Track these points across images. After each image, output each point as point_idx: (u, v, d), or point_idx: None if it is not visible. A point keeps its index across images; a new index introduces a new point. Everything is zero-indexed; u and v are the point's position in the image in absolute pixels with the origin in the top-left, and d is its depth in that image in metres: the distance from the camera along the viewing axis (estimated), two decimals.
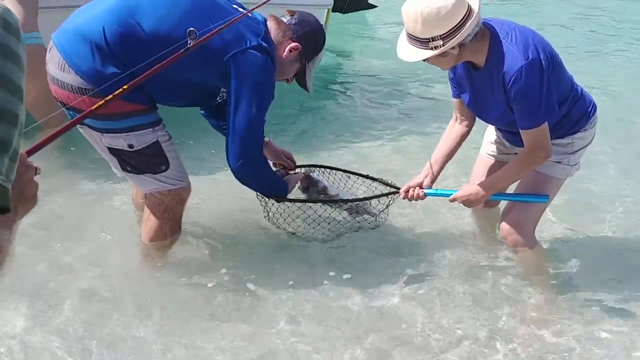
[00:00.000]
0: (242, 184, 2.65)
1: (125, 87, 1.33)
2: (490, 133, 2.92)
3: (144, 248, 2.83)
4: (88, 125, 2.46)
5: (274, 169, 2.89)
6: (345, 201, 2.85)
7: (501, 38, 2.35)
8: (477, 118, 2.73)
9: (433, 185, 2.76)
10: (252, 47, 2.41)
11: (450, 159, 2.77)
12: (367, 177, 3.04)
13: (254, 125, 2.50)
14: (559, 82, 2.42)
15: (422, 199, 2.75)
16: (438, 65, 2.44)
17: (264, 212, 2.88)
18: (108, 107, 2.09)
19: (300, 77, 2.69)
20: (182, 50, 1.74)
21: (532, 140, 2.43)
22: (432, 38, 2.27)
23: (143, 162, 2.55)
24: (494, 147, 2.90)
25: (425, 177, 2.74)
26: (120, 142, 2.48)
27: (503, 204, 2.92)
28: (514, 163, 2.57)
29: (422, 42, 2.30)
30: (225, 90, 2.57)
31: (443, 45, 2.27)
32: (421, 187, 2.74)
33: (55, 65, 2.43)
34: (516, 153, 2.76)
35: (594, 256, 2.98)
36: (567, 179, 2.73)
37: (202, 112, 3.00)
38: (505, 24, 2.42)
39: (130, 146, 2.49)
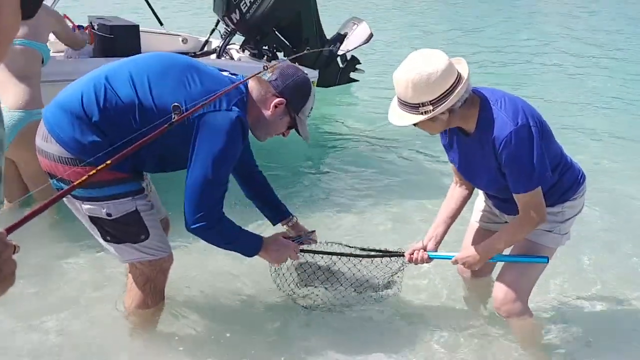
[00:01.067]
0: (208, 242, 2.56)
1: (108, 162, 1.30)
2: (480, 201, 2.93)
3: (128, 317, 2.79)
4: (71, 195, 2.44)
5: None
6: (355, 256, 2.85)
7: (491, 105, 2.38)
8: None
9: (438, 248, 2.76)
10: (219, 110, 2.37)
11: (453, 221, 2.76)
12: (370, 251, 2.95)
13: (210, 183, 2.40)
14: (548, 150, 2.43)
15: (426, 261, 2.73)
16: (427, 130, 2.46)
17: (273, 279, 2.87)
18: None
19: (296, 129, 2.67)
20: (166, 125, 1.74)
21: (526, 204, 2.43)
22: (422, 103, 2.30)
23: (122, 231, 2.52)
24: (484, 216, 2.90)
25: (429, 240, 2.74)
26: (99, 210, 2.45)
27: (495, 274, 2.90)
28: (509, 226, 2.56)
29: (412, 107, 2.33)
30: None
31: (433, 111, 2.30)
32: (425, 250, 2.73)
33: (40, 137, 2.47)
34: (506, 222, 2.77)
35: (585, 324, 2.96)
36: (557, 249, 2.71)
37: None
38: (495, 92, 2.46)
39: (109, 215, 2.46)
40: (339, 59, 5.91)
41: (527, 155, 2.33)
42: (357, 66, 6.20)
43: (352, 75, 6.22)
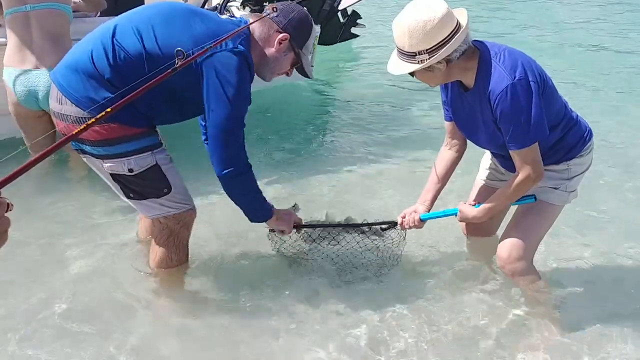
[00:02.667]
0: (230, 195, 2.58)
1: (108, 109, 1.23)
2: (486, 159, 2.91)
3: (153, 274, 2.86)
4: (89, 154, 2.51)
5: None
6: (351, 225, 2.89)
7: (490, 58, 2.34)
8: (469, 142, 2.72)
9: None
10: (225, 50, 2.39)
11: (444, 185, 2.76)
12: (364, 224, 2.99)
13: (231, 124, 2.44)
14: (550, 106, 2.39)
15: (418, 224, 2.75)
16: (425, 81, 2.43)
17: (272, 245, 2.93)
18: (105, 132, 2.37)
19: (299, 67, 2.69)
20: (169, 70, 1.69)
21: (521, 161, 2.40)
22: (418, 52, 2.28)
23: (144, 186, 2.57)
24: (489, 174, 2.89)
25: (419, 204, 2.76)
26: (121, 166, 2.50)
27: (500, 232, 2.91)
28: (507, 185, 2.53)
29: (409, 56, 2.31)
30: None
31: (429, 60, 2.28)
32: (417, 213, 2.74)
33: (54, 100, 2.50)
34: (505, 179, 2.73)
35: (593, 283, 2.97)
36: (565, 206, 2.68)
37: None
38: (495, 45, 2.41)
39: (130, 170, 2.51)
40: (339, 14, 5.81)
41: (522, 110, 2.29)
42: (358, 21, 6.11)
43: (354, 30, 6.12)
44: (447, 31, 2.26)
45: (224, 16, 4.96)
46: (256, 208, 2.67)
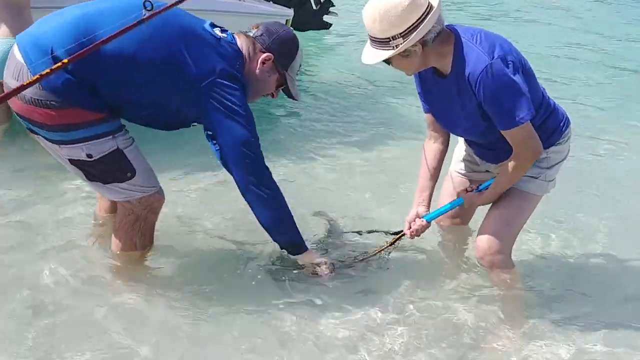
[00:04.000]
0: (255, 212, 2.54)
1: (65, 60, 1.10)
2: (459, 150, 2.87)
3: (114, 259, 2.75)
4: (45, 138, 2.39)
5: None
6: (365, 259, 2.80)
7: (466, 40, 2.31)
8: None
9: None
10: (219, 76, 2.38)
11: (437, 180, 2.71)
12: (370, 232, 2.99)
13: (248, 144, 2.44)
14: (530, 90, 2.34)
15: (426, 228, 2.68)
16: (402, 68, 2.39)
17: None
18: (62, 117, 2.27)
19: (285, 88, 2.64)
20: (135, 22, 1.58)
21: (516, 140, 2.36)
22: (392, 37, 2.24)
23: (106, 170, 2.46)
24: (464, 165, 2.85)
25: (419, 206, 2.68)
26: (78, 152, 2.38)
27: (477, 223, 2.86)
28: (506, 168, 2.48)
29: (383, 42, 2.28)
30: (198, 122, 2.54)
31: (403, 43, 2.24)
32: (419, 217, 2.67)
33: (10, 75, 2.35)
34: (488, 171, 2.73)
35: (568, 276, 2.97)
36: (543, 196, 2.66)
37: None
38: (470, 28, 2.38)
39: (89, 156, 2.39)
40: (312, 0, 5.73)
41: (507, 87, 2.26)
42: (331, 9, 6.02)
43: (327, 18, 6.03)
44: (420, 12, 2.22)
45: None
46: (289, 227, 2.60)
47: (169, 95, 2.39)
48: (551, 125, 2.51)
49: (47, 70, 1.15)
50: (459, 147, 2.86)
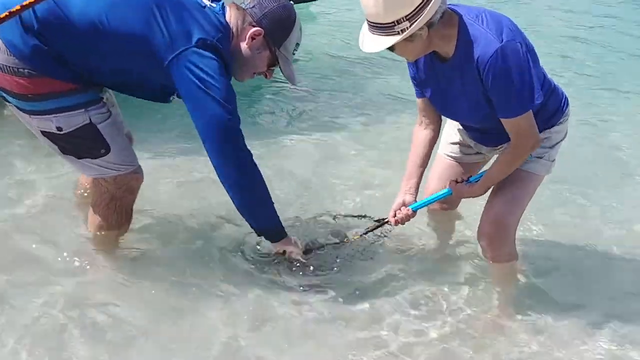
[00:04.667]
0: (230, 196, 2.38)
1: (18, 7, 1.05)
2: (450, 133, 2.76)
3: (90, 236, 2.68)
4: (17, 107, 2.30)
5: None
6: (341, 243, 2.76)
7: (471, 22, 2.18)
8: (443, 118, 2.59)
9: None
10: (195, 45, 2.19)
11: (425, 169, 2.60)
12: (355, 216, 2.94)
13: (223, 123, 2.24)
14: (534, 70, 2.26)
15: (412, 217, 2.59)
16: (405, 55, 2.24)
17: None
18: (32, 86, 2.18)
19: (280, 68, 2.44)
20: None
21: (518, 129, 2.28)
22: (397, 21, 2.07)
23: (78, 144, 2.35)
24: (454, 148, 2.76)
25: (405, 194, 2.58)
26: (48, 124, 2.28)
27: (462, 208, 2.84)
28: (503, 158, 2.42)
29: (387, 28, 2.10)
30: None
31: (410, 27, 2.07)
32: (406, 206, 2.58)
33: None
34: (480, 153, 2.67)
35: (571, 263, 2.93)
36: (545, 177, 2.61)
37: None
38: (473, 8, 2.26)
39: (59, 129, 2.29)
40: None
41: (517, 74, 2.16)
42: None
43: None
44: None
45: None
46: (269, 214, 2.44)
47: (139, 68, 2.28)
48: (552, 106, 2.44)
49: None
50: (448, 128, 2.74)
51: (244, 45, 2.34)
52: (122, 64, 2.27)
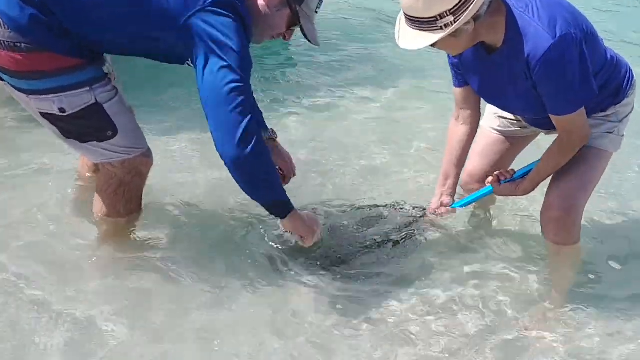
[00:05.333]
0: (233, 173, 2.08)
1: None
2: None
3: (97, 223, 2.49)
4: (12, 86, 2.11)
5: None
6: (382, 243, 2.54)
7: (521, 12, 2.00)
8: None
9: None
10: (211, 4, 1.98)
11: (462, 167, 2.48)
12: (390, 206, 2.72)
13: (236, 89, 1.97)
14: (593, 54, 2.10)
15: (450, 213, 2.50)
16: (448, 50, 2.09)
17: None
18: (29, 62, 2.01)
19: (300, 28, 2.20)
20: None
21: (568, 126, 2.15)
22: (439, 15, 1.89)
23: (82, 127, 2.17)
24: (503, 122, 2.56)
25: (442, 196, 2.47)
26: (49, 105, 2.10)
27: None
28: (547, 157, 2.29)
29: (428, 23, 1.92)
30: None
31: (455, 22, 1.89)
32: (444, 206, 2.48)
33: None
34: (526, 126, 2.48)
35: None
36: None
37: None
38: None
39: (62, 110, 2.10)
40: None
41: (570, 71, 2.00)
42: None
43: None
44: None
45: None
46: (276, 192, 2.16)
47: (154, 32, 2.04)
48: (613, 85, 2.26)
49: None
50: None
51: (261, 3, 2.12)
52: (136, 29, 2.05)
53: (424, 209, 2.59)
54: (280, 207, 2.18)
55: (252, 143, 1.99)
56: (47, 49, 2.00)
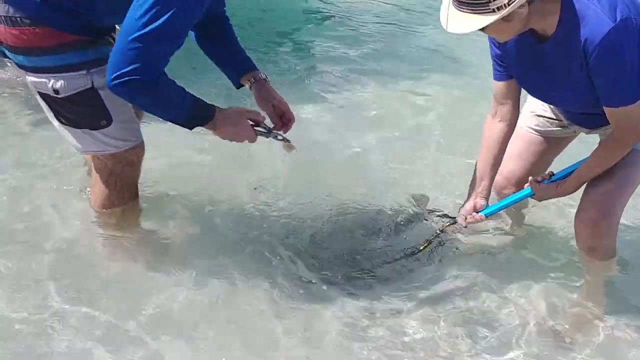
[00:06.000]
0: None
1: None
2: (535, 103, 2.44)
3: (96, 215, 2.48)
4: (15, 62, 2.07)
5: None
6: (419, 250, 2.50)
7: None
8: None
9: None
10: None
11: (498, 168, 2.37)
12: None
13: (151, 34, 1.78)
14: None
15: (483, 221, 2.38)
16: (498, 35, 2.01)
17: None
18: (27, 38, 1.96)
19: None
20: None
21: (625, 120, 2.01)
22: None
23: (76, 112, 2.10)
24: (541, 121, 2.43)
25: (476, 198, 2.35)
26: (45, 84, 2.04)
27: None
28: (603, 151, 2.16)
29: (480, 5, 1.83)
30: None
31: (509, 4, 1.79)
32: (477, 211, 2.37)
33: None
34: (566, 126, 2.37)
35: None
36: None
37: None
38: None
39: (56, 91, 2.03)
40: None
41: (629, 59, 1.90)
42: None
43: None
44: None
45: None
46: (179, 114, 1.96)
47: None
48: None
49: None
50: (531, 99, 2.44)
51: None
52: None
53: (453, 217, 2.51)
54: (198, 118, 1.98)
55: (139, 83, 1.82)
56: (48, 24, 1.93)
